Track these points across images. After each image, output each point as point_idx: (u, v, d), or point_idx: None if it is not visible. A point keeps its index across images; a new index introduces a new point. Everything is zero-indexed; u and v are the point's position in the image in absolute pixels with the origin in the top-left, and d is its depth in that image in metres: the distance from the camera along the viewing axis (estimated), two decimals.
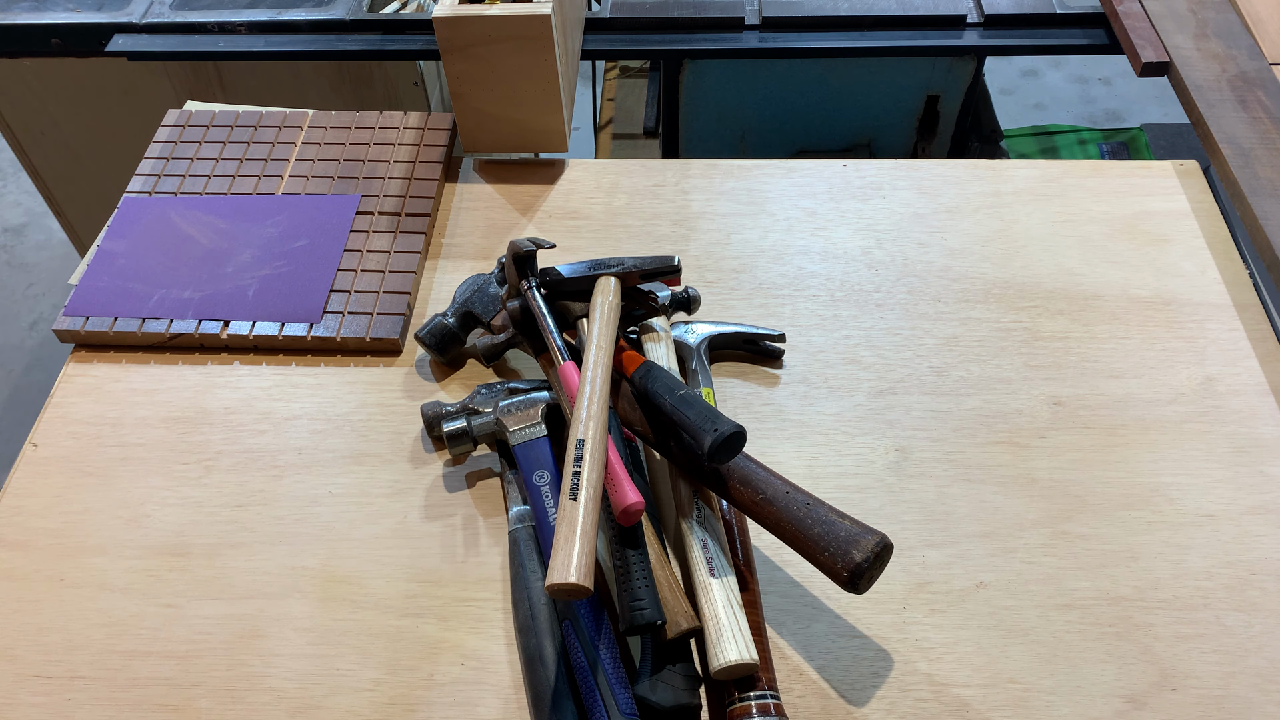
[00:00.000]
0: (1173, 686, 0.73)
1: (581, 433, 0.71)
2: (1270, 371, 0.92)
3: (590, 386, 0.74)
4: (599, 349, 0.78)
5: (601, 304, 0.83)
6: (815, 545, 0.68)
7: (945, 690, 0.73)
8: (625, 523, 0.71)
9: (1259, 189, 1.02)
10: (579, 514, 0.66)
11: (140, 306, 0.98)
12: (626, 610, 0.69)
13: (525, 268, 0.87)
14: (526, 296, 0.86)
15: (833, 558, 0.67)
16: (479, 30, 1.01)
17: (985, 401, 0.90)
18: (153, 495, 0.86)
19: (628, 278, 0.86)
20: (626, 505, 0.70)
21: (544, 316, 0.84)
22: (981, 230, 1.05)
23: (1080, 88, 2.75)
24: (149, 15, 1.37)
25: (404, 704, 0.73)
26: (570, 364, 0.80)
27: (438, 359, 0.94)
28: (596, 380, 0.75)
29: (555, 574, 0.63)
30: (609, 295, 0.84)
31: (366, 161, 1.12)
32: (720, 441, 0.70)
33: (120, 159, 1.58)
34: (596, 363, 0.77)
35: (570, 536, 0.65)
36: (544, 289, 0.86)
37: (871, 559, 0.66)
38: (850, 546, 0.67)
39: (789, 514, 0.70)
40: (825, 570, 0.68)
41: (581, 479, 0.68)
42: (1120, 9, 1.27)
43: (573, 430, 0.72)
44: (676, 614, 0.70)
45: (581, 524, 0.65)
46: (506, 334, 0.91)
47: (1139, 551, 0.80)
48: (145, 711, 0.73)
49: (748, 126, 1.53)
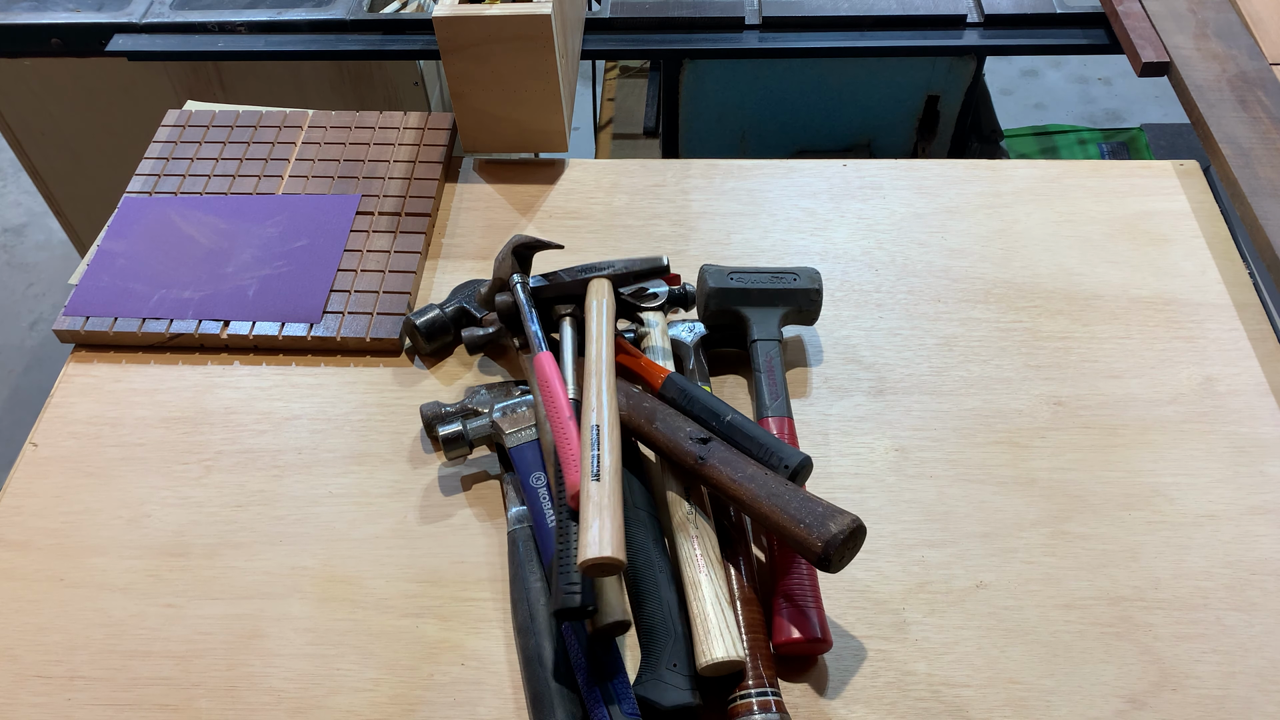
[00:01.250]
0: (1173, 686, 0.73)
1: (596, 419, 0.73)
2: (1270, 371, 0.92)
3: (598, 378, 0.77)
4: (600, 342, 0.81)
5: (597, 304, 0.84)
6: (792, 518, 0.70)
7: (945, 690, 0.73)
8: (575, 505, 0.71)
9: (1259, 189, 1.02)
10: (604, 492, 0.68)
11: (140, 306, 0.98)
12: (559, 593, 0.68)
13: (522, 263, 0.88)
14: (514, 290, 0.86)
15: (808, 529, 0.68)
16: (479, 30, 1.01)
17: (985, 401, 0.90)
18: (153, 495, 0.86)
19: (620, 280, 0.87)
20: (576, 489, 0.70)
21: (525, 307, 0.85)
22: (981, 230, 1.05)
23: (1080, 88, 2.75)
24: (149, 15, 1.37)
25: (404, 704, 0.73)
26: (546, 354, 0.80)
27: (423, 347, 0.94)
28: (603, 370, 0.78)
29: (589, 550, 0.65)
30: (604, 295, 0.85)
31: (366, 161, 1.12)
32: (793, 475, 0.75)
33: (120, 159, 1.57)
34: (600, 355, 0.79)
35: (598, 514, 0.67)
36: (531, 287, 0.87)
37: (846, 534, 0.68)
38: (827, 519, 0.68)
39: (766, 491, 0.72)
40: (800, 544, 0.69)
41: (601, 460, 0.71)
42: (1120, 9, 1.27)
43: (585, 417, 0.74)
44: (610, 606, 0.69)
45: (608, 501, 0.68)
46: (493, 327, 0.92)
47: (1139, 551, 0.80)
48: (145, 711, 0.73)
49: (748, 126, 1.53)
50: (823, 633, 0.72)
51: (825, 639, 0.72)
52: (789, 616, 0.72)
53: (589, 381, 0.77)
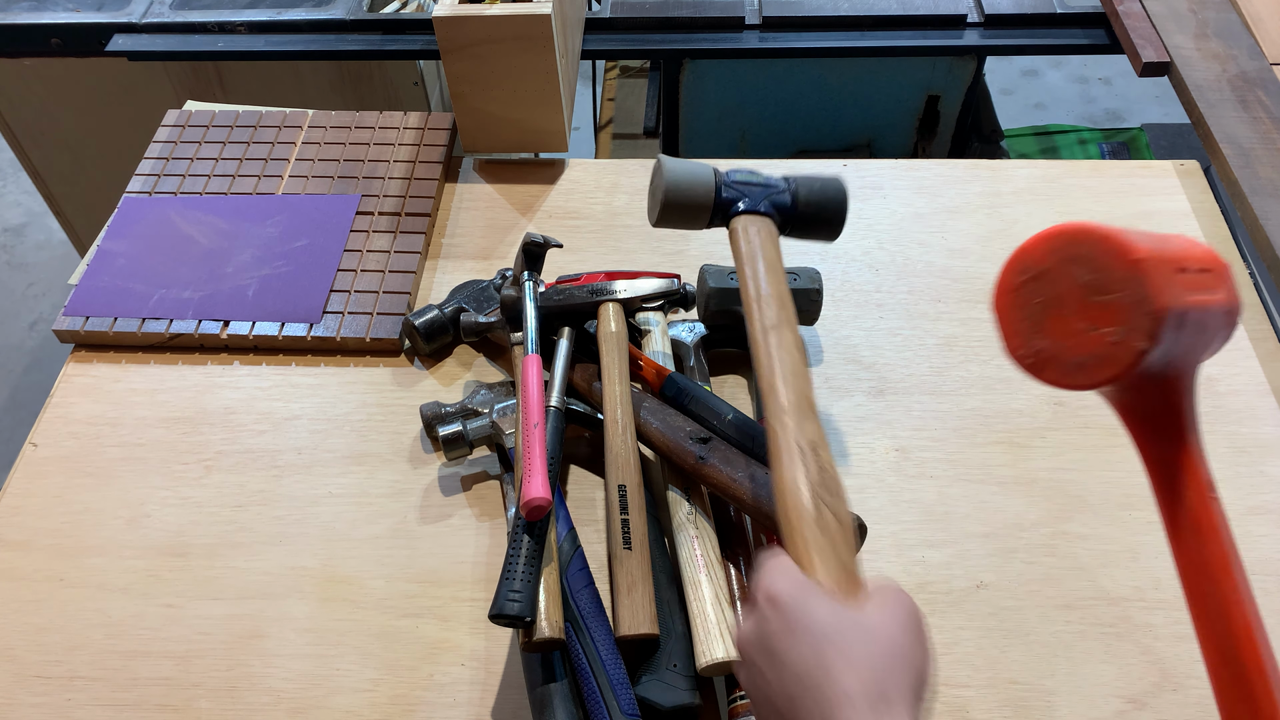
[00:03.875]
0: (1173, 686, 0.73)
1: (621, 478, 0.75)
2: (1270, 371, 0.92)
3: (618, 426, 0.79)
4: (615, 385, 0.81)
5: (605, 337, 0.84)
6: None
7: (945, 690, 0.73)
8: (529, 517, 0.71)
9: (1259, 189, 1.02)
10: (635, 563, 0.72)
11: (140, 306, 0.98)
12: (500, 597, 0.68)
13: (532, 262, 0.88)
14: (523, 287, 0.87)
15: None
16: (479, 30, 1.01)
17: (985, 401, 0.90)
18: (153, 495, 0.86)
19: (629, 304, 0.88)
20: (531, 498, 0.70)
21: (530, 307, 0.85)
22: (981, 230, 1.05)
23: (1080, 88, 2.75)
24: (149, 15, 1.37)
25: (404, 704, 0.73)
26: (534, 356, 0.81)
27: (422, 347, 0.94)
28: (621, 419, 0.79)
29: (625, 626, 0.69)
30: (610, 325, 0.85)
31: (366, 161, 1.12)
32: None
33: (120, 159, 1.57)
34: (618, 400, 0.80)
35: (633, 587, 0.71)
36: (541, 293, 0.88)
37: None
38: None
39: (766, 491, 0.72)
40: None
41: (631, 527, 0.73)
42: (1120, 9, 1.27)
43: (610, 474, 0.76)
44: (544, 619, 0.68)
45: (641, 572, 0.71)
46: (494, 318, 0.92)
47: (1139, 551, 0.80)
48: (145, 711, 0.73)
49: (748, 126, 1.53)
50: None
51: None
52: None
53: (611, 433, 0.78)
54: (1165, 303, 0.45)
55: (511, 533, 0.72)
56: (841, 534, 0.54)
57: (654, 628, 0.69)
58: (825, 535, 0.54)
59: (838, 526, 0.55)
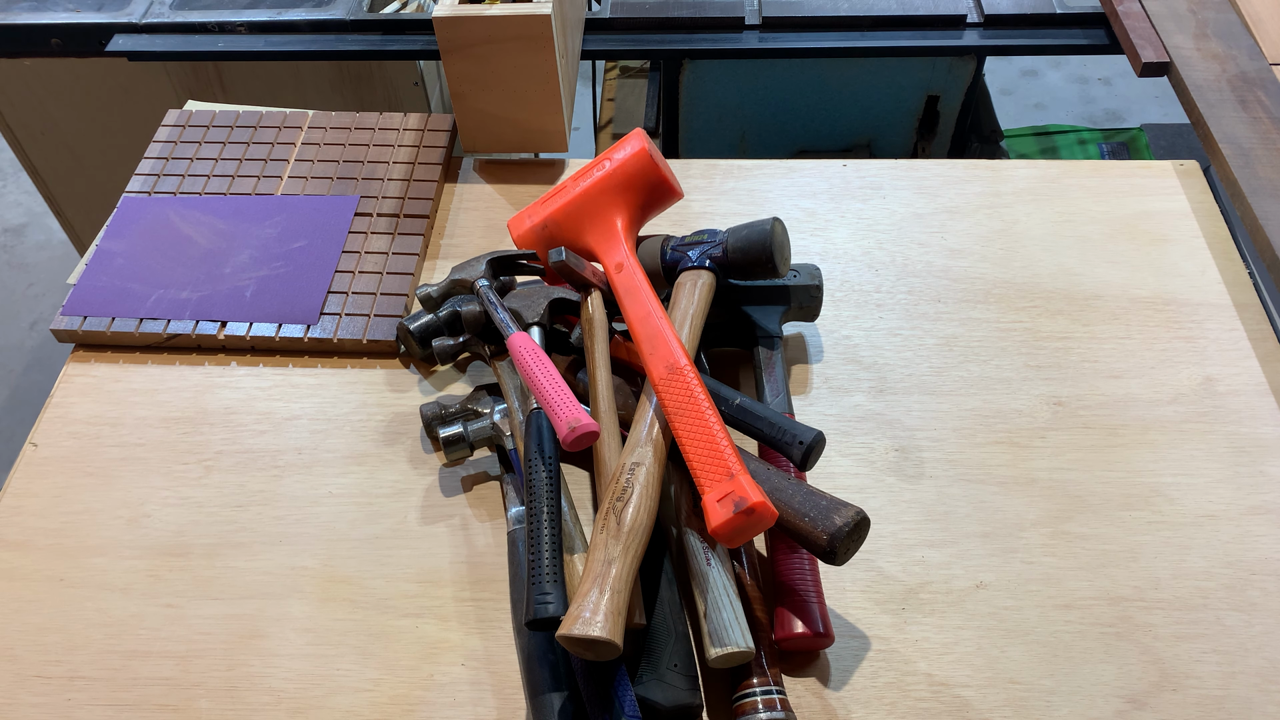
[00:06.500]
0: (1173, 686, 0.73)
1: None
2: (1270, 371, 0.92)
3: (601, 405, 0.78)
4: (601, 387, 0.81)
5: (587, 322, 0.85)
6: (797, 512, 0.70)
7: (945, 690, 0.73)
8: (573, 448, 0.71)
9: (1259, 189, 1.02)
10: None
11: (138, 307, 0.98)
12: (533, 603, 0.67)
13: (492, 271, 0.89)
14: (479, 294, 0.87)
15: (813, 523, 0.69)
16: (479, 30, 1.01)
17: (985, 401, 0.90)
18: (153, 495, 0.86)
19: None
20: (580, 425, 0.70)
21: (492, 304, 0.85)
22: (981, 230, 1.05)
23: (1080, 88, 2.75)
24: (149, 15, 1.37)
25: (404, 704, 0.73)
26: (519, 334, 0.80)
27: (416, 351, 0.93)
28: (603, 399, 0.79)
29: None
30: (592, 311, 0.85)
31: (366, 162, 1.11)
32: (807, 452, 0.74)
33: (120, 159, 1.58)
34: (607, 404, 0.81)
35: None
36: (503, 255, 0.90)
37: (851, 526, 0.68)
38: (831, 513, 0.69)
39: (770, 485, 0.72)
40: (805, 538, 0.69)
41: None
42: (1120, 9, 1.27)
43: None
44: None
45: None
46: (464, 337, 0.91)
47: (1139, 551, 0.80)
48: (145, 711, 0.73)
49: (748, 126, 1.53)
50: (825, 628, 0.72)
51: (828, 634, 0.72)
52: (793, 611, 0.73)
53: (604, 444, 0.78)
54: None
55: (528, 533, 0.71)
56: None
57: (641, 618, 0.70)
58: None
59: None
